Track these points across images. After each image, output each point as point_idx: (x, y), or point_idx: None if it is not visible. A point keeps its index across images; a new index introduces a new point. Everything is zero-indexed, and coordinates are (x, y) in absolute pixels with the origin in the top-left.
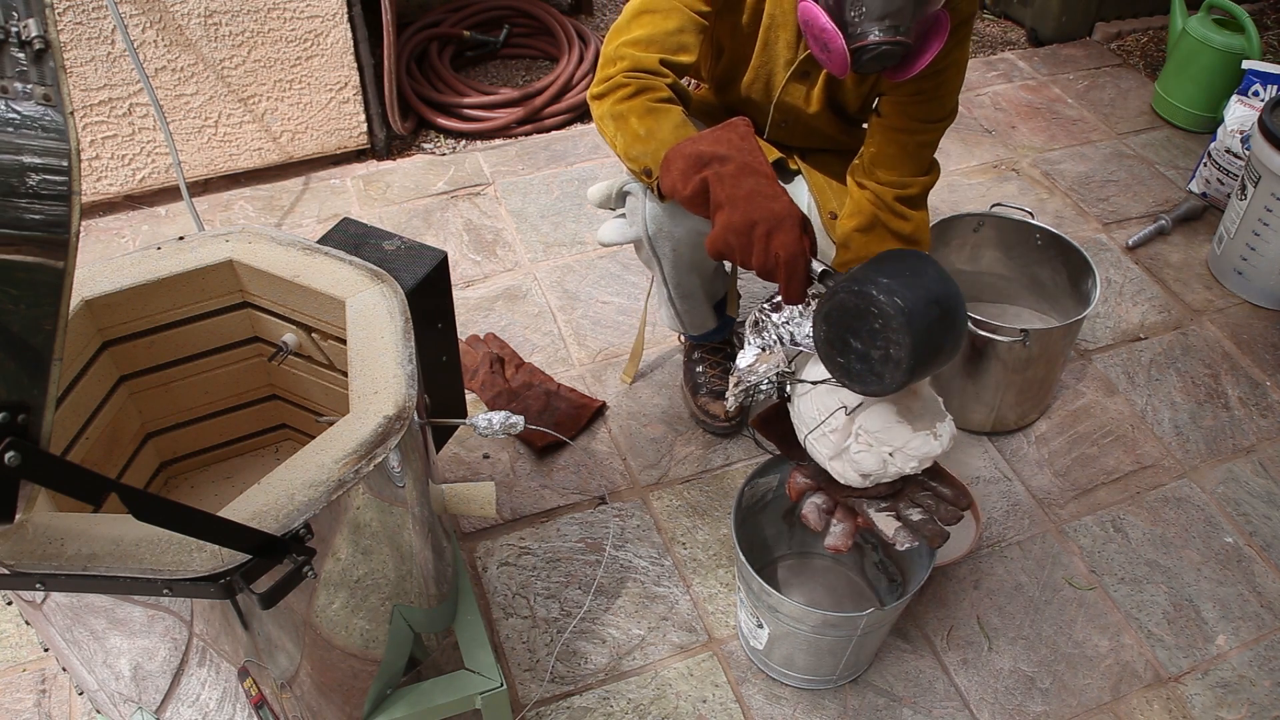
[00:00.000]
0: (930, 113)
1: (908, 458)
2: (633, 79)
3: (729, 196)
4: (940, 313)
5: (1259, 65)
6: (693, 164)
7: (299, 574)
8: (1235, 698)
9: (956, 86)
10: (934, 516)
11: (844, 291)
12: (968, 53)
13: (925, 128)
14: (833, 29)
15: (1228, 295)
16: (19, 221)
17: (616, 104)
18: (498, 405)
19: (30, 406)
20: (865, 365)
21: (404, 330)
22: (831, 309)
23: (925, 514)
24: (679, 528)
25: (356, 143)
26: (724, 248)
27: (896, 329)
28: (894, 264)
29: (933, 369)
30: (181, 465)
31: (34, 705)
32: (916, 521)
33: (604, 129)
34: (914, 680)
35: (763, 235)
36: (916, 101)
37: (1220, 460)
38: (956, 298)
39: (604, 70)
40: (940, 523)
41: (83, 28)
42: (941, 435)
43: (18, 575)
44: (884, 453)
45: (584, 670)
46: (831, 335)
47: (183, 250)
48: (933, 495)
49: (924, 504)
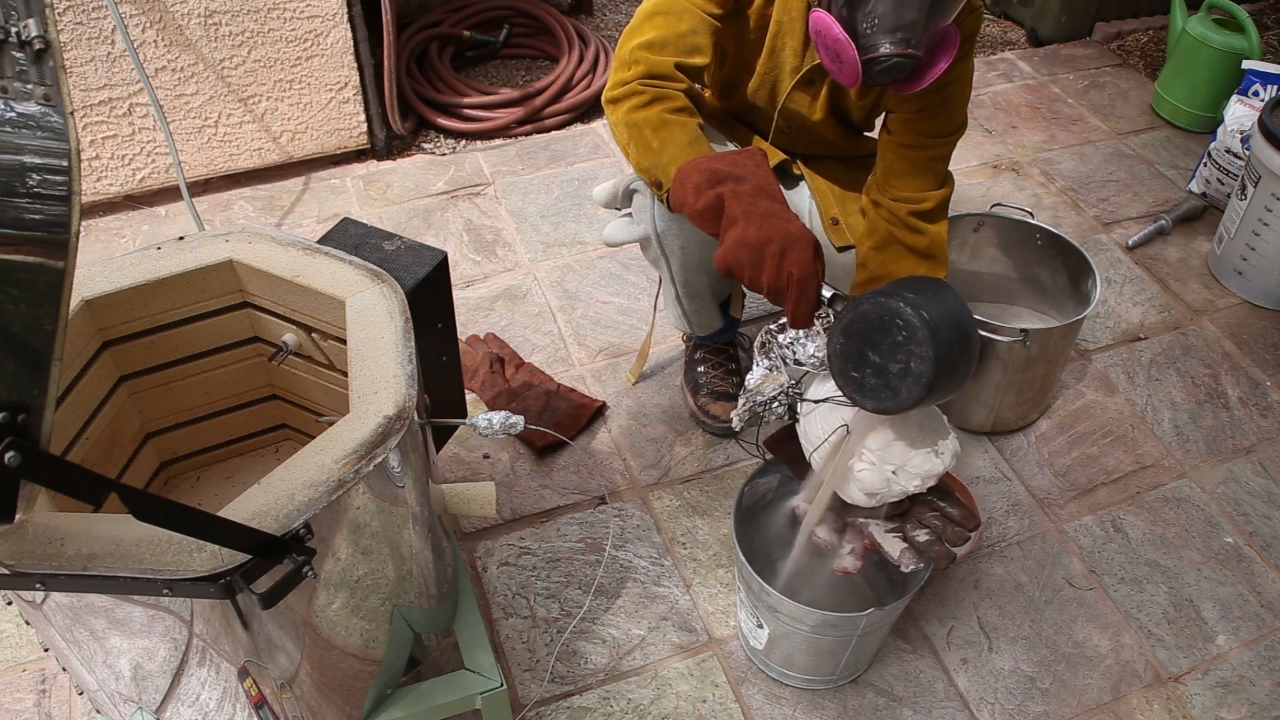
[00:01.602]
0: (939, 128)
1: (911, 475)
2: (648, 86)
3: (744, 212)
4: (960, 335)
5: (1259, 65)
6: (708, 179)
7: (299, 574)
8: (1235, 698)
9: (964, 100)
10: (940, 538)
11: (868, 303)
12: (972, 67)
13: (935, 142)
14: (845, 39)
15: (1227, 295)
16: (19, 221)
17: (631, 112)
18: (498, 405)
19: (30, 406)
20: (881, 380)
21: (404, 330)
22: (853, 320)
23: (932, 535)
24: (679, 528)
25: (356, 143)
26: (735, 261)
27: (921, 341)
28: (916, 284)
29: (948, 392)
30: (181, 465)
31: (34, 705)
32: (923, 543)
33: (618, 135)
34: (914, 680)
35: (776, 252)
36: (924, 117)
37: (1220, 460)
38: (973, 325)
39: (618, 74)
40: (947, 544)
41: (83, 28)
42: (944, 453)
43: (18, 575)
44: (887, 470)
45: (584, 670)
46: (848, 348)
47: (183, 250)
48: (940, 516)
49: (931, 525)
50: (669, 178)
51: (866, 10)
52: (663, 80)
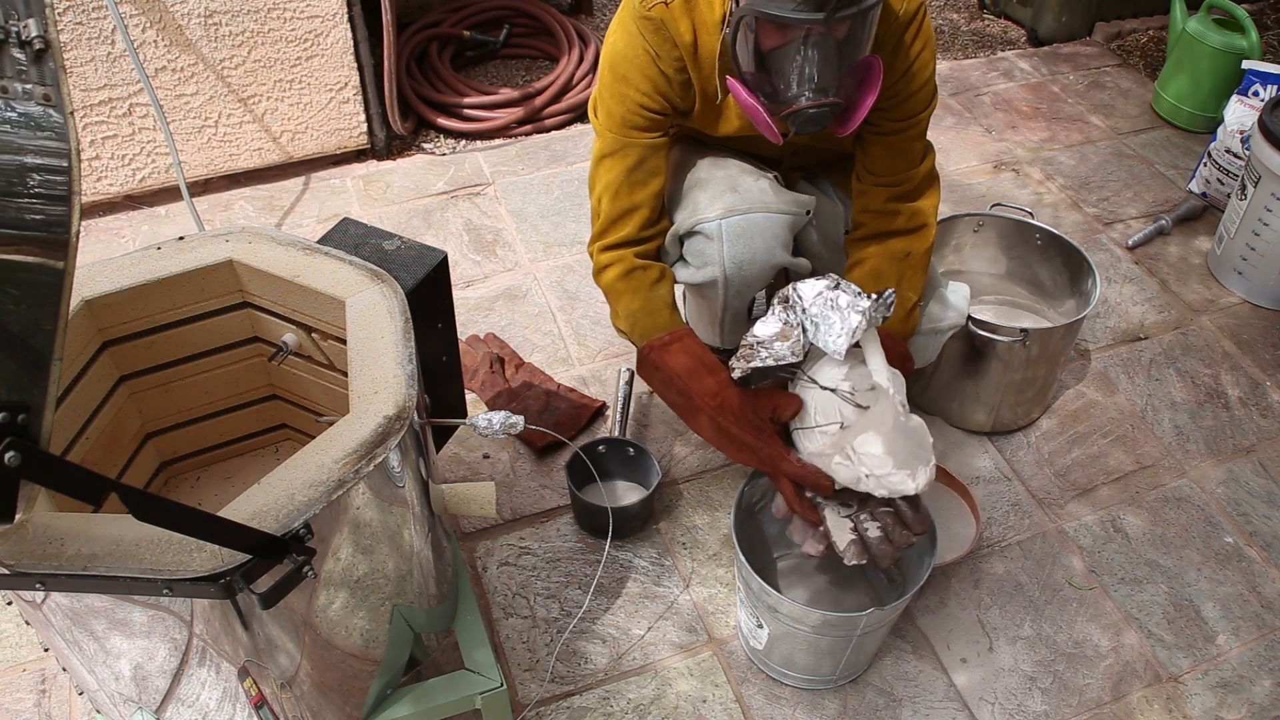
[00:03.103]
0: (910, 109)
1: (880, 485)
2: (620, 260)
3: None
4: None
5: (1259, 65)
6: (663, 383)
7: (299, 574)
8: (1235, 698)
9: (929, 76)
10: (889, 536)
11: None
12: (929, 37)
13: (909, 124)
14: (754, 105)
15: (1227, 295)
16: (19, 221)
17: (614, 281)
18: (498, 405)
19: (30, 406)
20: None
21: (404, 330)
22: None
23: (881, 533)
24: (679, 527)
25: (356, 143)
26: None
27: None
28: None
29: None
30: (181, 465)
31: (34, 705)
32: (871, 539)
33: (605, 294)
34: (914, 680)
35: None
36: (895, 103)
37: (1220, 460)
38: None
39: (595, 224)
40: (893, 545)
41: (83, 28)
42: (919, 478)
43: (18, 575)
44: (862, 472)
45: (584, 670)
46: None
47: (183, 250)
48: (894, 514)
49: (883, 520)
50: (643, 342)
51: (776, 70)
52: (632, 246)
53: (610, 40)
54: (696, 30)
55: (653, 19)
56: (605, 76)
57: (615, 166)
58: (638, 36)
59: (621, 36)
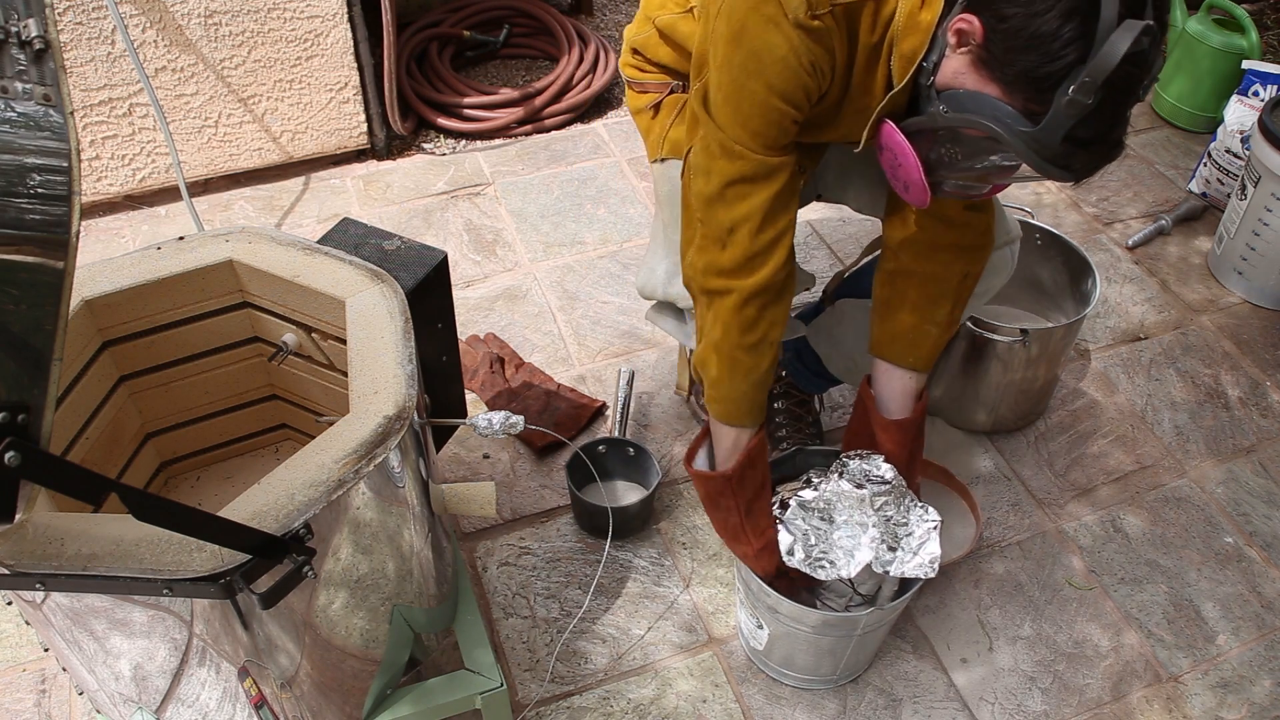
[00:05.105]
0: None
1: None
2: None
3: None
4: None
5: (1259, 65)
6: (705, 489)
7: (299, 574)
8: (1235, 698)
9: None
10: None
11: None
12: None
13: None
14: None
15: (1227, 294)
16: (19, 221)
17: (719, 330)
18: (498, 405)
19: (30, 406)
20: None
21: (404, 330)
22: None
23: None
24: (679, 528)
25: (356, 143)
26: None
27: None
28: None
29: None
30: (181, 465)
31: (34, 705)
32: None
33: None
34: (914, 680)
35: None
36: None
37: (1220, 460)
38: None
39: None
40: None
41: (83, 28)
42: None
43: (18, 575)
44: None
45: (584, 670)
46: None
47: (183, 250)
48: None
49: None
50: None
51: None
52: (756, 297)
53: (750, 48)
54: (851, 49)
55: (817, 30)
56: (751, 88)
57: (759, 193)
58: (800, 46)
59: (781, 43)
